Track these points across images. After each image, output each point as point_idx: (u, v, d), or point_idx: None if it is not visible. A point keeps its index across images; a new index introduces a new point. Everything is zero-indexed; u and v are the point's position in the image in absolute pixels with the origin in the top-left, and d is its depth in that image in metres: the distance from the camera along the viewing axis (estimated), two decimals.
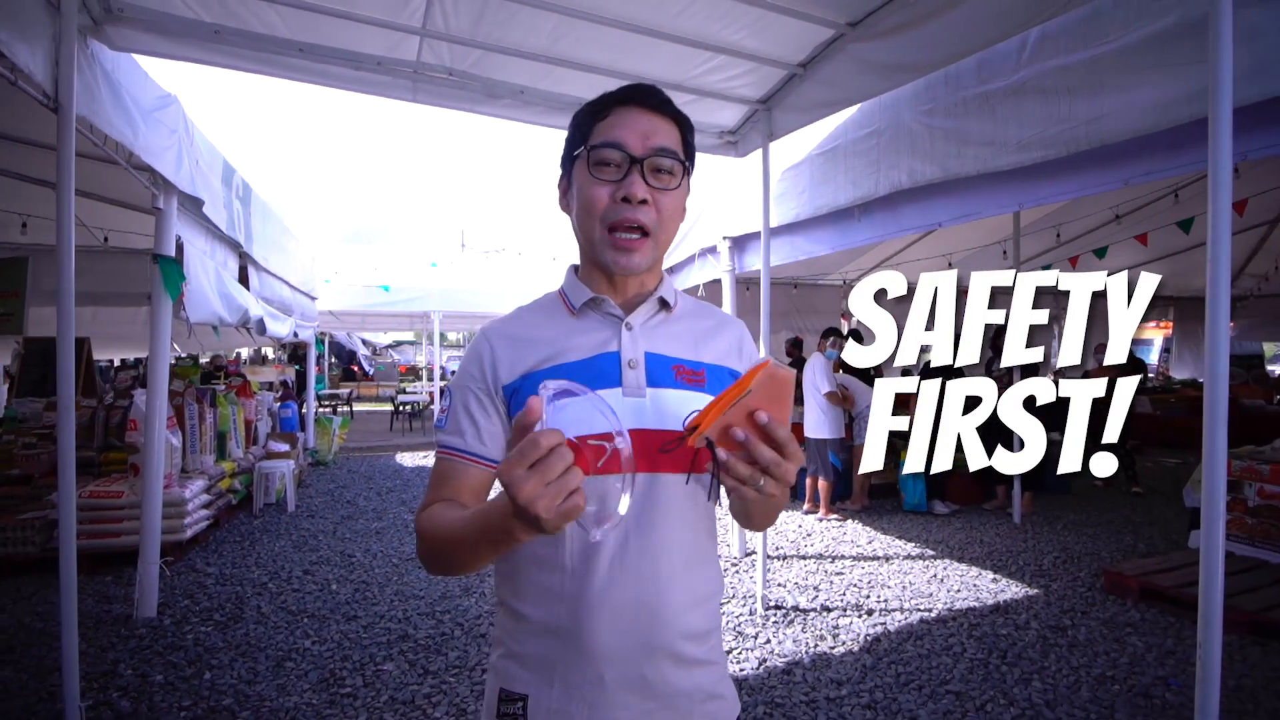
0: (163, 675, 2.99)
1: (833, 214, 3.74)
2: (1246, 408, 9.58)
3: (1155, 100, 2.16)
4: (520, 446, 0.66)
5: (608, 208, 0.93)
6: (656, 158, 0.92)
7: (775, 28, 3.09)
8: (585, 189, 0.94)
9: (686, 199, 1.02)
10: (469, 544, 0.83)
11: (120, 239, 6.06)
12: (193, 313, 3.73)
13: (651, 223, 0.94)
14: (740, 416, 0.71)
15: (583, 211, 0.95)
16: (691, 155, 1.00)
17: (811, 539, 5.22)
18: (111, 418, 5.60)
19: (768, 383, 0.71)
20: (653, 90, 0.96)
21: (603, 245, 0.94)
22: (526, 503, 0.65)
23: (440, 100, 3.33)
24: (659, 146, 0.92)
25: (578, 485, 0.67)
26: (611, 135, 0.92)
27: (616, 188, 0.92)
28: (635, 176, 0.92)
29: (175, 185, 3.49)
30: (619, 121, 0.93)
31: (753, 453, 0.72)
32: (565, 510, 0.66)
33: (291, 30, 2.90)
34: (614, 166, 0.92)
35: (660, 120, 0.95)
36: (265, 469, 5.98)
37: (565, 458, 0.66)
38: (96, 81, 2.65)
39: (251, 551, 4.84)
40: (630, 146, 0.92)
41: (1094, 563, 4.49)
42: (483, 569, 0.89)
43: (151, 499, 3.61)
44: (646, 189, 0.92)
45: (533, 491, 0.65)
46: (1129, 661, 3.13)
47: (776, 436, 0.72)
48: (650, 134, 0.93)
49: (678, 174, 0.95)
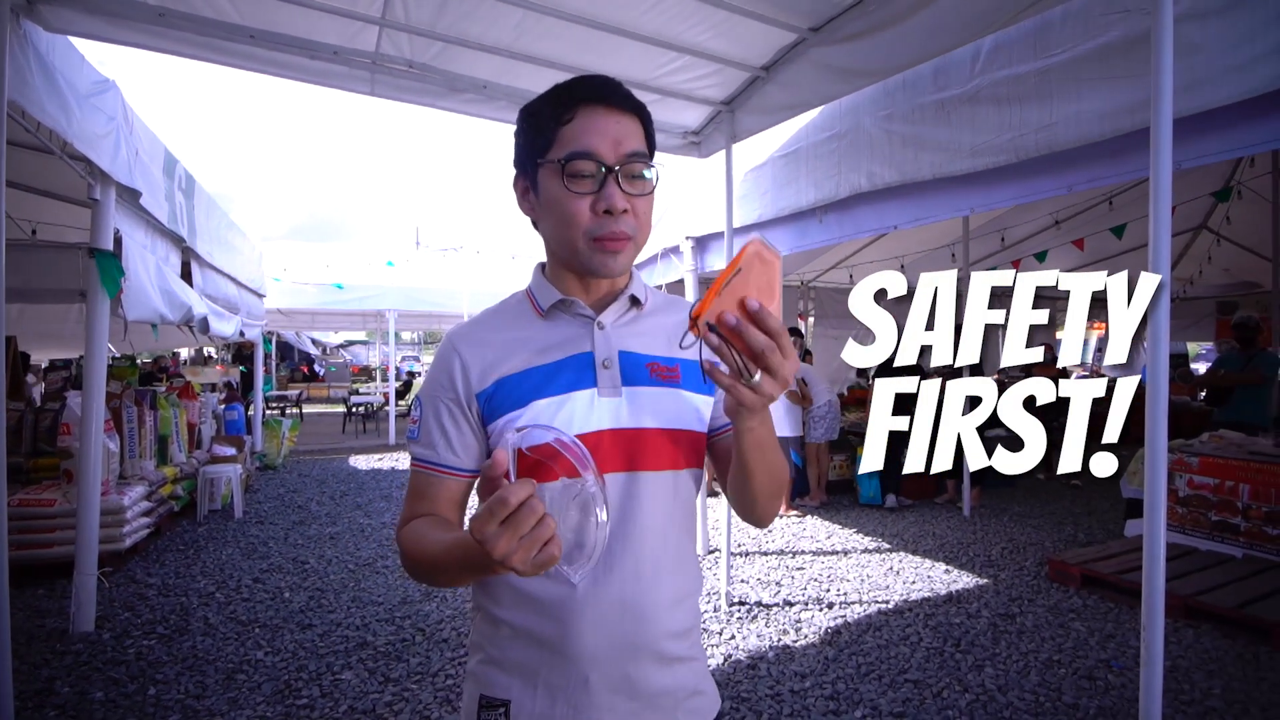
0: (103, 692, 2.83)
1: (794, 215, 3.80)
2: (1174, 404, 10.17)
3: (1101, 110, 2.27)
4: (489, 504, 0.66)
5: (590, 222, 0.90)
6: (630, 163, 0.90)
7: (739, 30, 3.12)
8: (562, 203, 0.91)
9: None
10: (453, 569, 0.85)
11: (50, 232, 5.71)
12: (131, 310, 3.55)
13: (632, 229, 0.92)
14: (731, 302, 0.68)
15: (561, 224, 0.92)
16: (654, 149, 0.98)
17: (772, 535, 5.30)
18: (41, 421, 5.29)
19: (757, 265, 0.69)
20: (614, 85, 0.92)
21: (589, 253, 0.92)
22: (502, 558, 0.66)
23: (399, 94, 3.25)
24: (630, 152, 0.90)
25: (551, 535, 0.67)
26: (582, 144, 0.88)
27: (595, 199, 0.89)
28: (613, 187, 0.89)
29: (112, 176, 3.31)
30: (587, 127, 0.89)
31: (745, 337, 0.68)
32: (540, 561, 0.67)
33: (242, 15, 2.78)
34: (589, 178, 0.89)
35: (626, 119, 0.92)
36: (210, 474, 5.73)
37: (536, 511, 0.66)
38: (29, 64, 2.49)
39: (196, 560, 4.63)
40: (603, 156, 0.89)
41: (1038, 552, 4.69)
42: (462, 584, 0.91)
43: (88, 507, 3.41)
44: (625, 198, 0.90)
45: (506, 547, 0.66)
46: (1073, 646, 3.28)
47: (768, 325, 0.69)
48: (621, 139, 0.89)
49: (649, 176, 0.93)
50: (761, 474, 0.88)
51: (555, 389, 0.93)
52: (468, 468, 0.96)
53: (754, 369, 0.71)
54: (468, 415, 0.96)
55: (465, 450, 0.96)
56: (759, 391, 0.72)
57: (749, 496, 0.92)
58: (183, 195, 4.57)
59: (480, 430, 0.96)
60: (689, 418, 1.00)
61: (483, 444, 0.97)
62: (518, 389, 0.93)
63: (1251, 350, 5.50)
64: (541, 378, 0.93)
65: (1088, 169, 2.41)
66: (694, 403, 1.01)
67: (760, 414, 0.79)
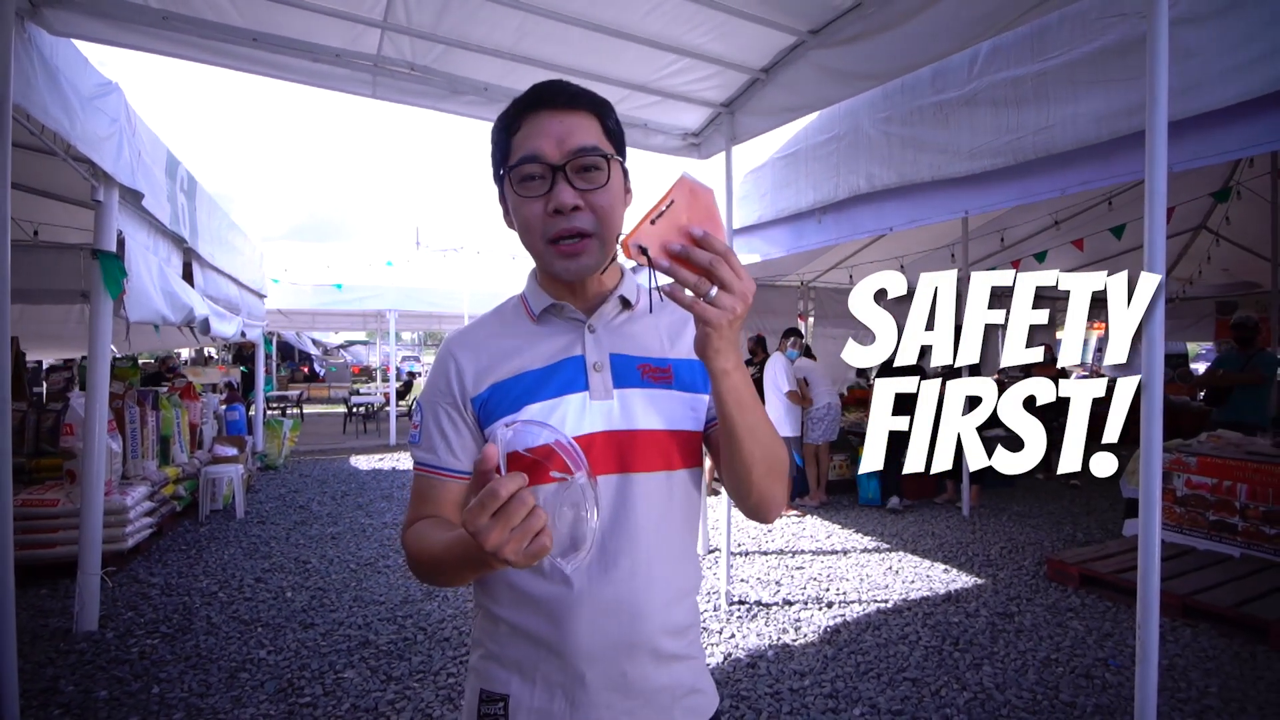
0: (107, 690, 2.85)
1: (793, 216, 3.82)
2: (1173, 404, 10.19)
3: (1097, 112, 2.29)
4: (480, 498, 0.68)
5: (544, 222, 0.91)
6: (577, 158, 0.89)
7: (739, 32, 3.14)
8: (519, 209, 0.92)
9: (625, 182, 0.98)
10: (453, 566, 0.86)
11: (52, 233, 5.73)
12: (133, 311, 3.56)
13: (590, 225, 0.91)
14: (674, 232, 0.72)
15: (523, 230, 0.94)
16: (618, 140, 0.97)
17: (772, 535, 5.31)
18: (44, 422, 5.30)
19: (690, 197, 0.73)
20: (560, 87, 0.92)
21: (549, 258, 0.93)
22: (494, 551, 0.68)
23: (401, 96, 3.27)
24: (576, 147, 0.89)
25: (542, 526, 0.69)
26: (527, 149, 0.90)
27: (546, 200, 0.90)
28: (561, 185, 0.89)
29: (115, 178, 3.32)
30: (531, 131, 0.90)
31: (691, 257, 0.73)
32: (532, 552, 0.69)
33: (245, 18, 2.80)
34: (538, 180, 0.90)
35: (574, 116, 0.91)
36: (211, 474, 5.75)
37: (526, 503, 0.68)
38: (33, 67, 2.50)
39: (199, 560, 4.65)
40: (547, 155, 0.89)
41: (1037, 552, 4.71)
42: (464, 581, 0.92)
43: (92, 507, 3.43)
44: (575, 194, 0.89)
45: (498, 540, 0.68)
46: (1071, 644, 3.30)
47: (713, 246, 0.74)
48: (565, 136, 0.89)
49: (605, 168, 0.91)
50: (749, 442, 0.87)
51: (548, 393, 0.94)
52: (468, 470, 0.97)
53: (707, 286, 0.74)
54: (465, 419, 0.97)
55: (465, 453, 0.98)
56: (719, 305, 0.75)
57: (742, 471, 0.89)
58: (184, 196, 4.59)
59: (478, 434, 0.98)
60: (682, 418, 1.01)
61: (480, 447, 0.98)
62: (511, 393, 0.95)
63: (1250, 350, 5.52)
64: (534, 382, 0.95)
65: (1083, 171, 2.42)
66: (688, 402, 1.02)
67: (729, 344, 0.79)
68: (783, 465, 0.94)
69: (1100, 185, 2.42)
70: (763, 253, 4.24)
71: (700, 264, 0.74)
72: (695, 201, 0.74)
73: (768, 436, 0.89)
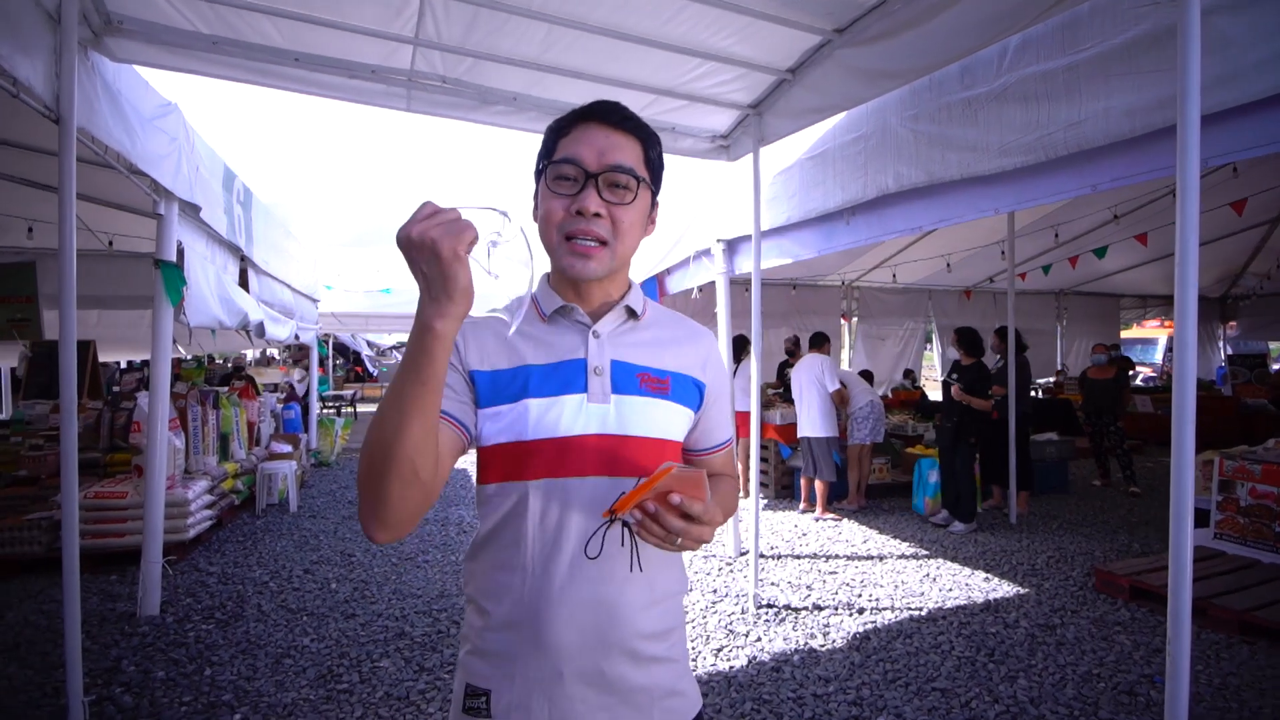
0: (164, 671, 3.06)
1: (821, 217, 3.78)
2: (1249, 407, 9.55)
3: (1130, 106, 2.19)
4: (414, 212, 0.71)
5: (563, 220, 0.96)
6: (612, 173, 0.95)
7: (763, 34, 3.13)
8: (544, 201, 0.98)
9: (651, 211, 1.04)
10: (393, 391, 0.78)
11: (125, 243, 6.15)
12: (192, 316, 3.80)
13: (607, 234, 0.96)
14: (656, 498, 0.83)
15: (542, 222, 0.99)
16: (655, 170, 1.03)
17: (807, 539, 5.25)
18: (117, 420, 5.69)
19: (678, 481, 0.83)
20: (615, 107, 0.99)
21: (560, 251, 0.97)
22: (420, 236, 0.68)
23: (434, 109, 3.38)
24: (614, 164, 0.95)
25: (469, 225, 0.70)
26: (570, 151, 0.96)
27: (571, 201, 0.95)
28: (590, 191, 0.95)
29: (174, 192, 3.55)
30: (579, 138, 0.97)
31: (661, 522, 0.83)
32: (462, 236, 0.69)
33: (287, 40, 2.96)
34: (571, 181, 0.96)
35: (621, 137, 0.98)
36: (268, 470, 6.06)
37: (456, 213, 0.70)
38: (96, 92, 2.71)
39: (254, 551, 4.91)
40: (586, 162, 0.95)
41: (1087, 562, 4.52)
42: (407, 435, 0.77)
43: (154, 499, 3.67)
44: (601, 203, 0.95)
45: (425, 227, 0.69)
46: (1115, 660, 3.16)
47: (690, 511, 0.83)
48: (607, 150, 0.96)
49: (634, 189, 0.97)
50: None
51: (548, 390, 0.98)
52: (457, 417, 0.97)
53: (672, 541, 0.86)
54: (461, 375, 0.99)
55: (460, 406, 0.97)
56: (683, 548, 0.87)
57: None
58: (241, 208, 4.85)
59: (472, 397, 0.99)
60: (675, 429, 1.05)
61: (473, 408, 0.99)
62: (511, 384, 0.98)
63: None
64: (536, 377, 0.98)
65: (1116, 167, 2.32)
66: (680, 414, 1.06)
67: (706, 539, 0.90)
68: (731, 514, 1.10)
69: (1135, 181, 2.31)
70: (793, 254, 4.20)
71: (669, 528, 0.83)
72: (681, 482, 0.83)
73: (726, 517, 1.01)
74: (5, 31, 2.07)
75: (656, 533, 0.84)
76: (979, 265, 8.65)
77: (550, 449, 0.97)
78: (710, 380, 1.10)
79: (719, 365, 1.13)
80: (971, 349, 5.52)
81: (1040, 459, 6.50)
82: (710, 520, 0.85)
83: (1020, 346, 5.74)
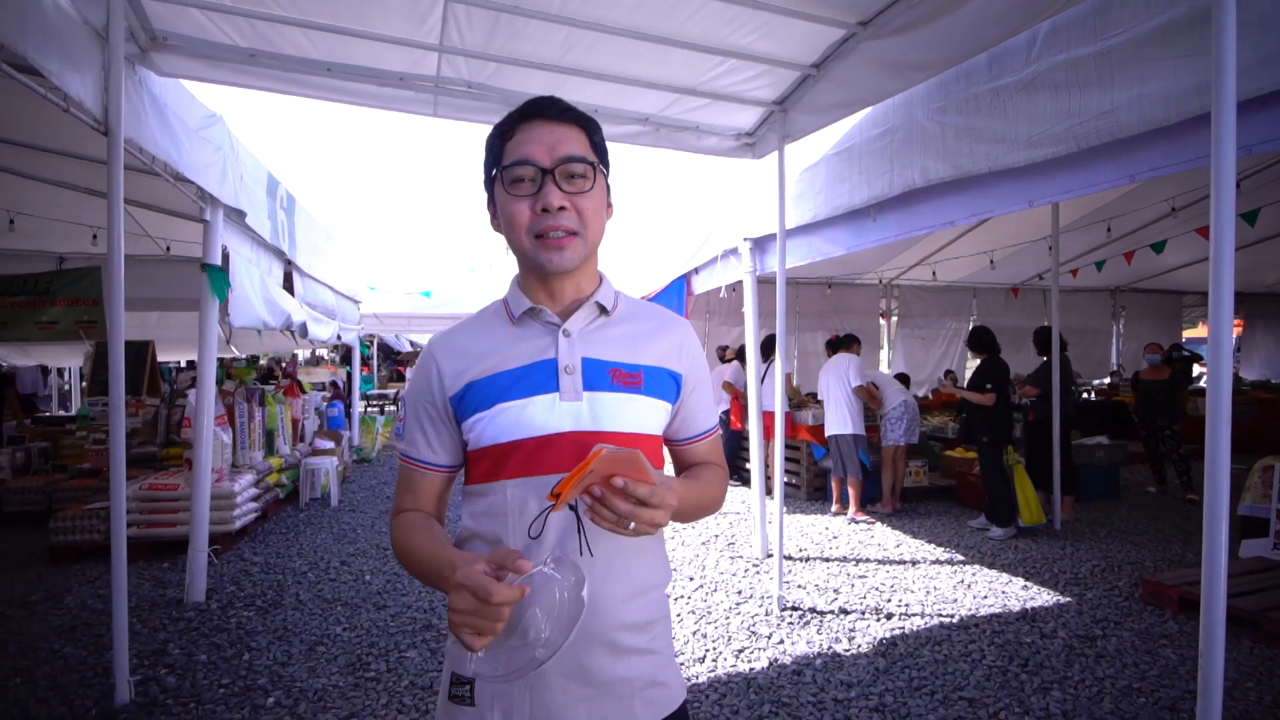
0: (206, 655, 3.21)
1: (848, 214, 3.71)
2: None
3: (1165, 93, 2.08)
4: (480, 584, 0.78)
5: (530, 220, 0.98)
6: (566, 164, 0.97)
7: (785, 29, 3.10)
8: (506, 206, 1.00)
9: (608, 196, 1.07)
10: (421, 574, 0.99)
11: (182, 248, 6.47)
12: (236, 317, 3.97)
13: (575, 225, 0.99)
14: (601, 481, 0.83)
15: (509, 227, 1.01)
16: (603, 155, 1.05)
17: (837, 541, 5.16)
18: (173, 416, 6.00)
19: (610, 461, 0.82)
20: (553, 101, 1.01)
21: (534, 251, 0.99)
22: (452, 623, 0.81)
23: (460, 114, 3.46)
24: (566, 155, 0.97)
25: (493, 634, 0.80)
26: (520, 153, 0.97)
27: (534, 200, 0.97)
28: (550, 186, 0.96)
29: (219, 199, 3.73)
30: (525, 138, 0.98)
31: (610, 506, 0.83)
32: (463, 640, 0.80)
33: (319, 51, 3.08)
34: (528, 181, 0.97)
35: (565, 128, 0.99)
36: (311, 465, 6.29)
37: (501, 618, 0.79)
38: (144, 105, 2.87)
39: (295, 543, 5.11)
40: (538, 159, 0.96)
41: (1135, 572, 4.31)
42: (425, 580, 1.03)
43: (200, 491, 3.86)
44: (562, 195, 0.97)
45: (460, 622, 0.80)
46: (1159, 674, 3.01)
47: (635, 493, 0.83)
48: (556, 144, 0.97)
49: (590, 176, 0.99)
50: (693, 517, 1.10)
51: (519, 392, 1.00)
52: (444, 464, 1.07)
53: (625, 525, 0.86)
54: (444, 417, 1.05)
55: (443, 449, 1.06)
56: (639, 532, 0.86)
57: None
58: (284, 213, 5.05)
59: (455, 429, 1.05)
60: (650, 422, 1.06)
61: (458, 441, 1.06)
62: (484, 392, 1.01)
63: None
64: (508, 381, 1.01)
65: (1153, 156, 2.21)
66: (655, 408, 1.06)
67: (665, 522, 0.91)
68: (718, 505, 1.14)
69: (1175, 171, 2.19)
70: (821, 252, 4.13)
71: (617, 511, 0.83)
72: (616, 463, 0.83)
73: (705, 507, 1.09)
74: (56, 50, 2.21)
75: (607, 517, 0.84)
76: (1026, 262, 8.34)
77: (526, 448, 0.99)
78: (686, 369, 1.11)
79: (695, 354, 1.14)
80: (979, 346, 5.39)
81: (1088, 463, 6.23)
82: (661, 503, 0.85)
83: (1061, 346, 5.52)
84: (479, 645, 0.80)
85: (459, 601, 0.79)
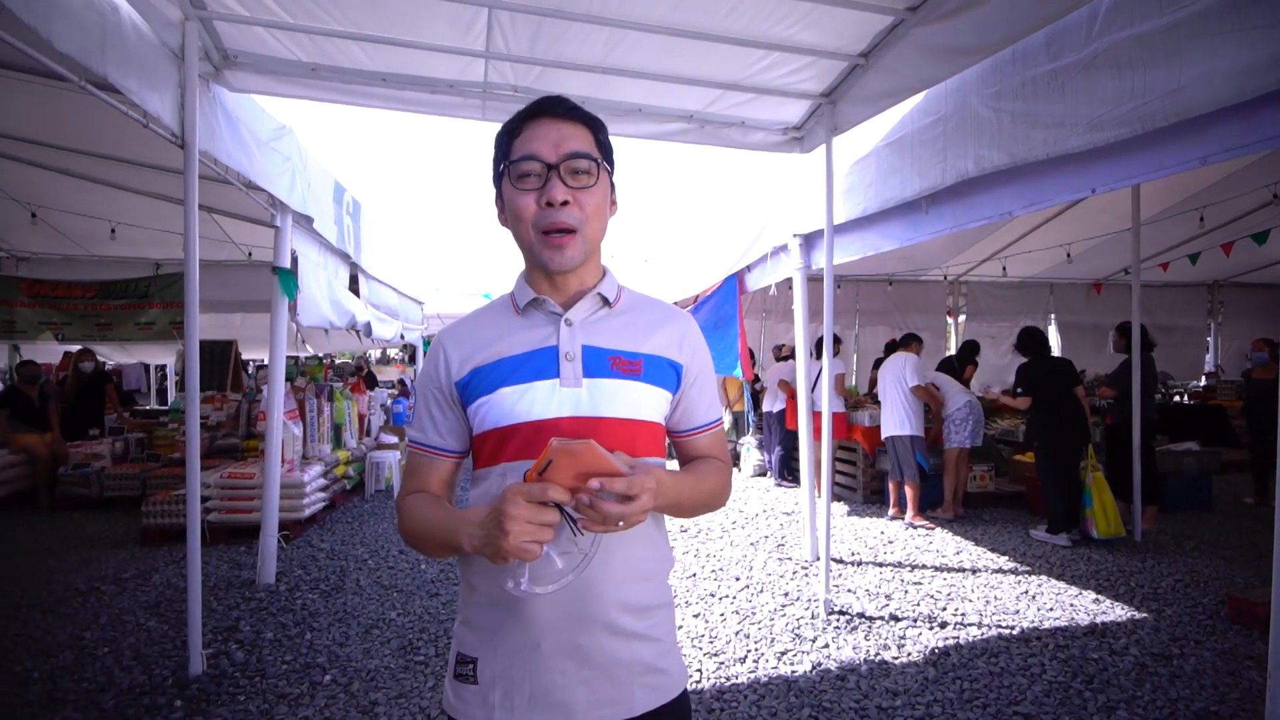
0: (273, 633, 3.43)
1: (900, 206, 3.59)
2: None
3: (1239, 67, 1.92)
4: (531, 490, 0.84)
5: (536, 214, 1.01)
6: (571, 160, 1.00)
7: (830, 19, 3.03)
8: (513, 200, 1.03)
9: (612, 193, 1.09)
10: (434, 543, 1.03)
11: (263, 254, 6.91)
12: (304, 317, 4.21)
13: (577, 221, 1.01)
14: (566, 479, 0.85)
15: (515, 221, 1.04)
16: (608, 154, 1.07)
17: (893, 546, 5.00)
18: (253, 410, 6.42)
19: (566, 456, 0.84)
20: (560, 100, 1.04)
21: (539, 247, 1.03)
22: (516, 531, 0.83)
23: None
24: (571, 151, 1.00)
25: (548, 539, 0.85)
26: (527, 149, 1.00)
27: (539, 194, 1.00)
28: (554, 181, 0.99)
29: (289, 205, 3.96)
30: (531, 135, 1.01)
31: (599, 509, 0.86)
32: (523, 548, 0.84)
33: (374, 63, 3.23)
34: (534, 176, 1.00)
35: (571, 126, 1.02)
36: (375, 459, 6.59)
37: (553, 519, 0.84)
38: (217, 120, 3.09)
39: (359, 531, 5.37)
40: (544, 155, 1.00)
41: (1222, 589, 3.98)
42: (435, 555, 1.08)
43: (270, 480, 4.11)
44: (566, 190, 1.00)
45: (519, 530, 0.83)
46: (1240, 697, 2.77)
47: (613, 489, 0.86)
48: (561, 141, 1.00)
49: (594, 173, 1.02)
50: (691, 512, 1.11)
51: (520, 378, 1.04)
52: (452, 449, 1.11)
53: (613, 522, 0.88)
54: (452, 403, 1.09)
55: (451, 434, 1.10)
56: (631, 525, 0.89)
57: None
58: (350, 218, 5.32)
59: (462, 414, 1.09)
60: (649, 409, 1.07)
61: (465, 426, 1.10)
62: (488, 377, 1.05)
63: None
64: (510, 367, 1.05)
65: (1226, 136, 2.04)
66: (655, 395, 1.08)
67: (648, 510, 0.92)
68: (719, 499, 1.15)
69: (1253, 151, 2.02)
70: (874, 247, 4.00)
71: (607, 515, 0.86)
72: (574, 456, 0.85)
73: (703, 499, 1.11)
74: (135, 69, 2.41)
75: (597, 520, 0.86)
76: (1109, 255, 7.80)
77: (525, 432, 1.02)
78: (688, 361, 1.12)
79: (697, 346, 1.15)
80: (1026, 348, 5.22)
81: (1175, 471, 5.79)
82: (641, 489, 0.86)
83: (1146, 345, 5.15)
84: (538, 551, 0.84)
85: (515, 510, 0.83)
